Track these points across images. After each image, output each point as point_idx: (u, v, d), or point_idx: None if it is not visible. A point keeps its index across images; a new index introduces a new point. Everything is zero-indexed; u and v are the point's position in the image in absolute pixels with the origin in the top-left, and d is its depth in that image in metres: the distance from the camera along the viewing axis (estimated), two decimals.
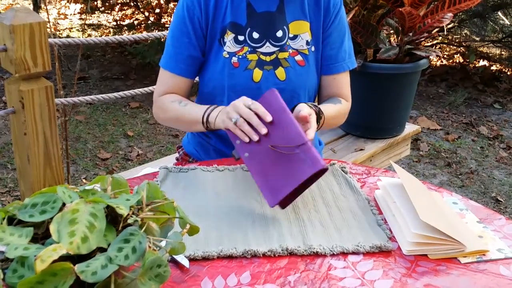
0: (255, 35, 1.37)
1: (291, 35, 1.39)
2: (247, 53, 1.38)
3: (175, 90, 1.42)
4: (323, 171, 1.07)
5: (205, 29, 1.37)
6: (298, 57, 1.40)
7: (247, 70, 1.38)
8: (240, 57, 1.37)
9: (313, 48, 1.42)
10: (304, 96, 1.44)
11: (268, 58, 1.38)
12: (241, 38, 1.37)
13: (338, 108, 1.43)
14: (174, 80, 1.41)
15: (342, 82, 1.48)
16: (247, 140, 1.14)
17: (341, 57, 1.45)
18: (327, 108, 1.37)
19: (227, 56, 1.38)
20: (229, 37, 1.37)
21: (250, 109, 1.15)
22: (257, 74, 1.38)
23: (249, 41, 1.37)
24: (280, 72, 1.39)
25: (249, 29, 1.37)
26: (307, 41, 1.41)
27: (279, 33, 1.38)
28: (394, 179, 1.21)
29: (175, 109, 1.37)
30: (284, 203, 1.10)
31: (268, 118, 1.12)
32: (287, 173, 1.08)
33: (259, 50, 1.38)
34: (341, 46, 1.44)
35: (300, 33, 1.40)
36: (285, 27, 1.39)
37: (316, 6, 1.40)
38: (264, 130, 1.12)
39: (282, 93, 1.39)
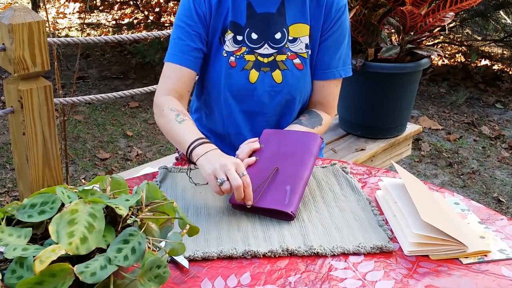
0: (254, 36, 1.36)
1: (290, 38, 1.38)
2: (245, 53, 1.37)
3: (180, 84, 1.36)
4: (288, 216, 1.08)
5: (208, 24, 1.36)
6: (297, 60, 1.39)
7: (244, 70, 1.37)
8: (237, 57, 1.37)
9: (310, 52, 1.41)
10: (299, 100, 1.42)
11: (265, 60, 1.37)
12: (239, 38, 1.36)
13: (317, 130, 1.39)
14: (179, 72, 1.35)
15: (330, 91, 1.44)
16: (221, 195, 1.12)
17: (334, 64, 1.42)
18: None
19: (225, 55, 1.37)
20: (228, 36, 1.36)
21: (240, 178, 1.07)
22: (254, 75, 1.37)
23: (247, 42, 1.37)
24: (277, 75, 1.38)
25: (248, 29, 1.36)
26: (306, 44, 1.39)
27: (278, 35, 1.37)
28: (395, 179, 1.20)
29: (169, 120, 1.28)
30: (240, 208, 1.11)
31: (249, 203, 1.07)
32: (265, 192, 1.12)
33: (257, 51, 1.37)
34: (336, 53, 1.41)
35: (300, 36, 1.38)
36: (284, 30, 1.37)
37: (318, 9, 1.38)
38: (249, 203, 1.08)
39: (277, 95, 1.39)
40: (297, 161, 1.18)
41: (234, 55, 1.37)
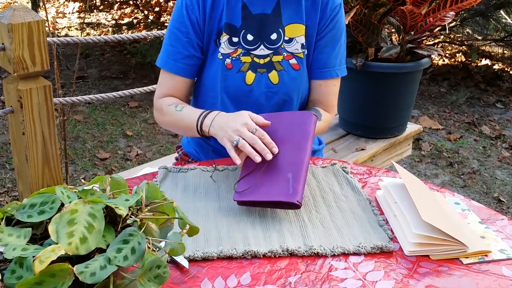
0: (249, 37, 1.36)
1: (286, 38, 1.37)
2: (241, 55, 1.36)
3: (175, 91, 1.40)
4: (295, 205, 1.07)
5: (202, 28, 1.36)
6: (293, 61, 1.38)
7: (240, 72, 1.37)
8: (233, 59, 1.36)
9: (306, 51, 1.40)
10: (296, 100, 1.42)
11: (262, 61, 1.37)
12: (235, 39, 1.36)
13: (317, 126, 1.38)
14: (173, 81, 1.39)
15: (328, 90, 1.44)
16: (238, 163, 1.15)
17: (331, 63, 1.41)
18: None
19: (221, 57, 1.37)
20: (223, 38, 1.36)
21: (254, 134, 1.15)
22: (250, 76, 1.37)
23: (243, 43, 1.36)
24: (273, 76, 1.38)
25: (243, 31, 1.36)
26: (302, 44, 1.39)
27: (274, 36, 1.36)
28: (395, 179, 1.20)
29: (171, 113, 1.36)
30: (246, 204, 1.11)
31: (275, 150, 1.14)
32: (267, 185, 1.10)
33: (253, 52, 1.37)
34: (333, 52, 1.41)
35: (296, 36, 1.38)
36: (280, 30, 1.37)
37: (313, 8, 1.38)
38: (269, 156, 1.13)
39: (274, 96, 1.39)
40: (295, 145, 1.15)
41: (230, 57, 1.36)
